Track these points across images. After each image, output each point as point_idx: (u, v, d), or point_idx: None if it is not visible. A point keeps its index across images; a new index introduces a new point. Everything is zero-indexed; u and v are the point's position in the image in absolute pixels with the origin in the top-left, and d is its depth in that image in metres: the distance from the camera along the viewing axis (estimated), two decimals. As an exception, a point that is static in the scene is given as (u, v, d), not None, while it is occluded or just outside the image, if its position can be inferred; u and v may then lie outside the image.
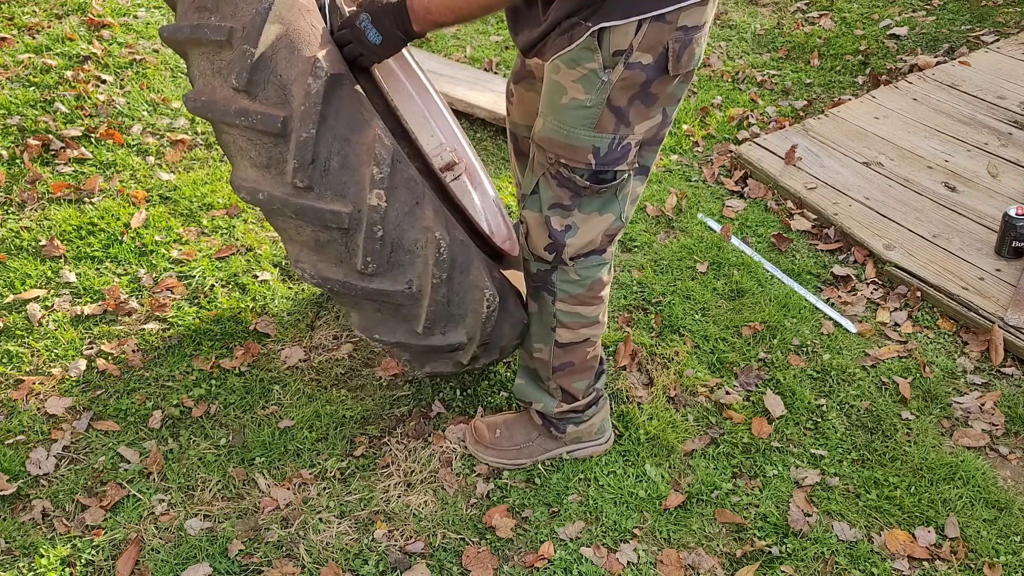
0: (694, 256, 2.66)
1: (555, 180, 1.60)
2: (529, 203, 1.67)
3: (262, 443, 2.02)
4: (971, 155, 3.05)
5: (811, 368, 2.29)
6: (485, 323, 1.70)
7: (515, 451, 1.98)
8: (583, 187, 1.59)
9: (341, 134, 1.49)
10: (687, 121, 3.38)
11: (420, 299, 1.63)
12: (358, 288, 1.59)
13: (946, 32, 3.99)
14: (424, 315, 1.65)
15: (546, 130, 1.56)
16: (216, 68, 1.49)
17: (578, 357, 1.84)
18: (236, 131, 1.50)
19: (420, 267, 1.59)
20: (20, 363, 2.21)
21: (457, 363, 1.83)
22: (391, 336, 1.71)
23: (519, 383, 1.98)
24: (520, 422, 2.00)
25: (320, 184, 1.50)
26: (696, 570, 1.81)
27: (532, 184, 1.65)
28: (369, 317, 1.70)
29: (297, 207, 1.50)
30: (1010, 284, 2.47)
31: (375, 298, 1.61)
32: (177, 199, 2.79)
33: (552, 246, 1.67)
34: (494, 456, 1.98)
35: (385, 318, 1.69)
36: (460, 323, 1.71)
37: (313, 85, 1.43)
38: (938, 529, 1.89)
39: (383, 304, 1.64)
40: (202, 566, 1.75)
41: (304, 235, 1.57)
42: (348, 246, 1.55)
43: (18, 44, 3.48)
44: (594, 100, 1.49)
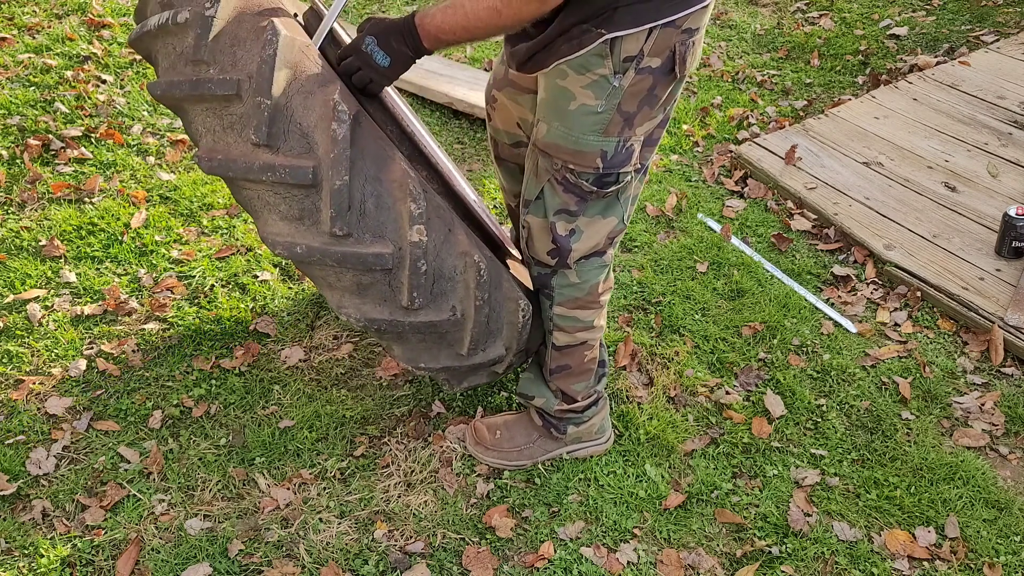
0: (694, 256, 2.66)
1: (561, 186, 1.59)
2: (533, 209, 1.66)
3: (262, 443, 2.02)
4: (971, 155, 3.05)
5: (811, 368, 2.29)
6: (521, 332, 1.70)
7: (516, 452, 1.98)
8: (589, 192, 1.58)
9: (371, 175, 1.46)
10: (687, 121, 3.38)
11: (464, 323, 1.62)
12: (404, 324, 1.57)
13: (946, 32, 3.99)
14: (468, 338, 1.64)
15: (552, 136, 1.55)
16: (227, 124, 1.44)
17: (575, 360, 1.84)
18: (262, 187, 1.45)
19: (462, 292, 1.58)
20: (20, 363, 2.21)
21: (492, 374, 1.83)
22: (436, 363, 1.69)
23: (524, 378, 1.98)
24: (520, 423, 2.00)
25: (359, 229, 1.47)
26: (696, 570, 1.81)
27: (536, 191, 1.64)
28: (413, 348, 1.67)
29: (338, 256, 1.47)
30: (1010, 284, 2.47)
31: (422, 330, 1.60)
32: (177, 199, 2.79)
33: (556, 251, 1.67)
34: (495, 457, 1.98)
35: (429, 346, 1.67)
36: (498, 337, 1.70)
37: (339, 130, 1.39)
38: (938, 529, 1.89)
39: (428, 335, 1.63)
40: (202, 566, 1.75)
41: (345, 281, 1.53)
42: (392, 285, 1.53)
43: (18, 44, 3.48)
44: (605, 106, 1.49)
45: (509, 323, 1.68)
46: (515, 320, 1.67)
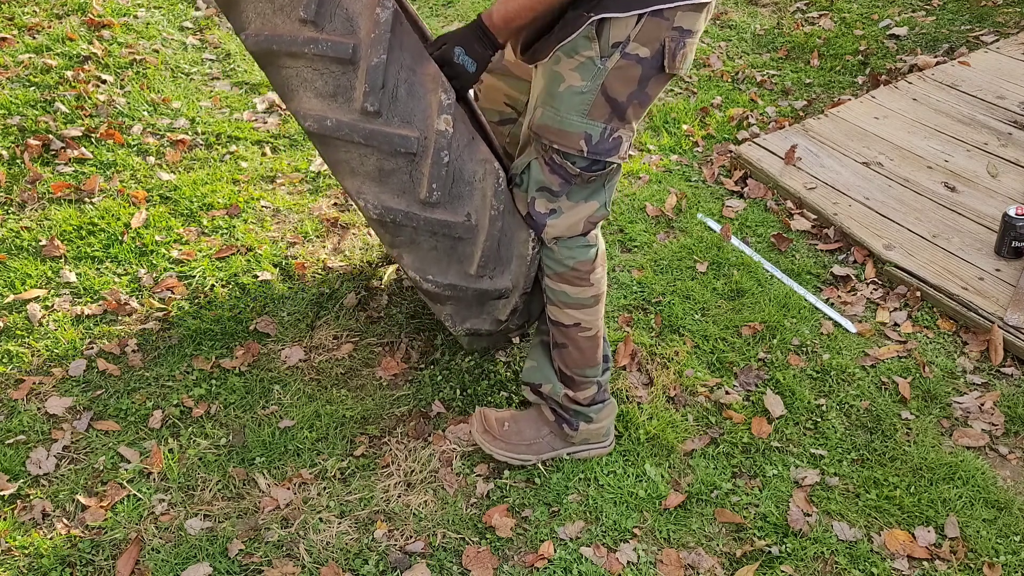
0: (694, 256, 2.66)
1: (548, 167, 1.67)
2: (516, 181, 1.75)
3: (262, 443, 2.02)
4: (971, 155, 3.05)
5: (811, 368, 2.29)
6: (529, 268, 1.73)
7: (524, 446, 1.96)
8: (574, 175, 1.65)
9: (407, 64, 1.53)
10: (687, 121, 3.38)
11: (477, 233, 1.66)
12: (420, 218, 1.61)
13: (946, 32, 3.99)
14: (479, 253, 1.67)
15: (542, 118, 1.63)
16: (278, 6, 1.53)
17: (571, 340, 1.84)
18: (302, 61, 1.53)
19: (478, 200, 1.63)
20: (20, 363, 2.21)
21: (495, 320, 1.83)
22: (443, 277, 1.71)
23: (529, 365, 1.97)
24: (529, 418, 1.99)
25: (389, 111, 1.54)
26: (696, 570, 1.81)
27: (523, 165, 1.72)
28: (424, 256, 1.69)
29: (366, 132, 1.53)
30: (1010, 284, 2.47)
31: (436, 229, 1.63)
32: (177, 199, 2.79)
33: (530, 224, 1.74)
34: (501, 448, 1.95)
35: (439, 257, 1.69)
36: (507, 267, 1.74)
37: (382, 15, 1.48)
38: (938, 529, 1.89)
39: (441, 239, 1.65)
40: (202, 566, 1.76)
41: (368, 165, 1.58)
42: (412, 175, 1.58)
43: (18, 44, 3.48)
44: (589, 86, 1.56)
45: (519, 256, 1.72)
46: (524, 253, 1.71)
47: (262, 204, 2.81)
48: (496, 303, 1.80)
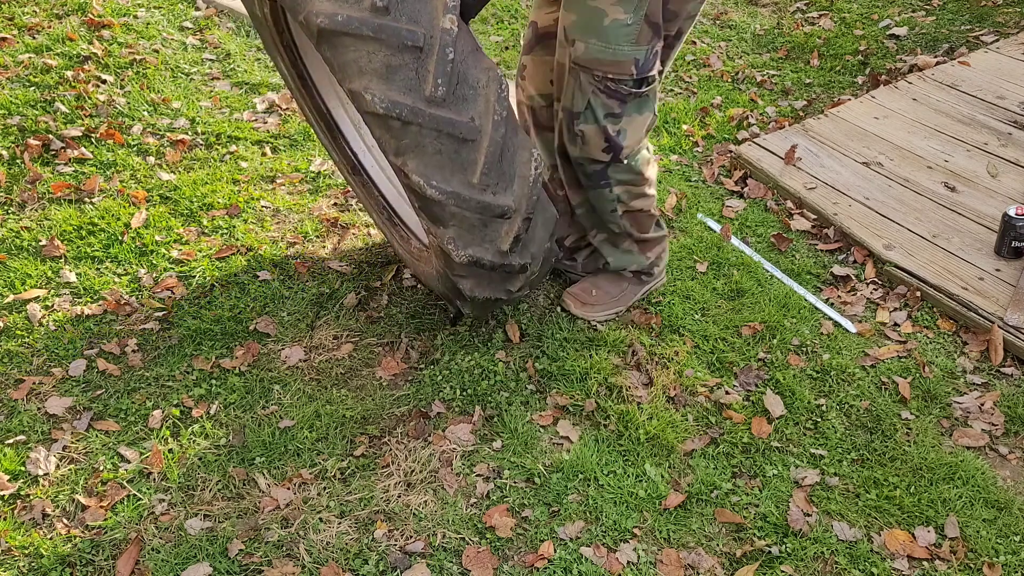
0: (694, 256, 2.66)
1: (604, 94, 1.89)
2: (584, 118, 1.95)
3: (262, 443, 2.02)
4: (971, 155, 3.05)
5: (811, 368, 2.29)
6: (532, 189, 1.78)
7: (614, 301, 2.35)
8: (627, 94, 1.90)
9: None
10: (687, 121, 3.38)
11: (481, 138, 1.70)
12: (425, 115, 1.64)
13: (946, 32, 3.99)
14: (482, 160, 1.71)
15: (591, 52, 1.83)
16: None
17: (643, 216, 2.21)
18: None
19: (482, 106, 1.69)
20: (20, 363, 2.21)
21: (498, 250, 1.84)
22: (447, 184, 1.73)
23: (613, 260, 2.32)
24: (608, 278, 2.36)
25: (397, 9, 1.60)
26: (696, 570, 1.81)
27: (584, 102, 1.92)
28: (428, 161, 1.71)
29: (375, 25, 1.59)
30: (1010, 284, 2.47)
31: (440, 127, 1.66)
32: (177, 199, 2.79)
33: (609, 148, 1.98)
34: (602, 310, 2.33)
35: (443, 163, 1.71)
36: (510, 185, 1.78)
37: None
38: (938, 529, 1.89)
39: (445, 140, 1.69)
40: (202, 566, 1.76)
41: (376, 62, 1.62)
42: (419, 71, 1.63)
43: (18, 44, 3.48)
44: (634, 18, 1.79)
45: (521, 176, 1.77)
46: (527, 173, 1.77)
47: (262, 204, 2.81)
48: (499, 227, 1.82)
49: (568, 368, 2.23)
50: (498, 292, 1.98)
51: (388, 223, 2.44)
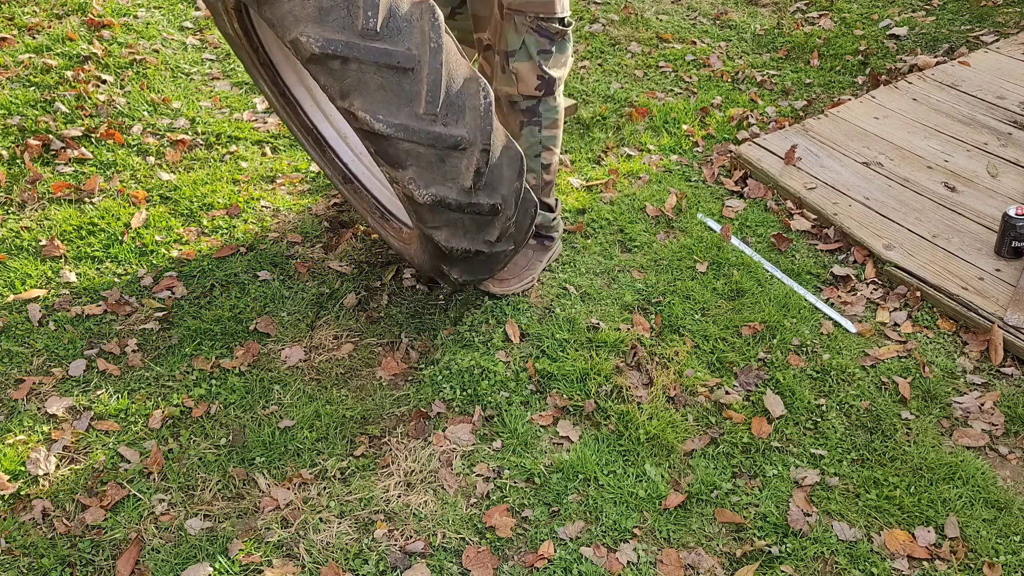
0: (694, 256, 2.66)
1: (537, 32, 2.11)
2: (519, 56, 2.15)
3: (262, 443, 2.02)
4: (971, 155, 3.05)
5: (811, 368, 2.29)
6: (484, 120, 1.81)
7: (525, 271, 2.48)
8: (555, 32, 2.12)
9: None
10: (687, 121, 3.38)
11: (420, 67, 1.72)
12: (361, 48, 1.67)
13: (946, 32, 3.99)
14: (424, 89, 1.73)
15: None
16: None
17: (552, 173, 2.38)
18: None
19: (418, 36, 1.72)
20: (20, 363, 2.21)
21: (461, 188, 1.85)
22: (394, 117, 1.74)
23: None
24: None
25: None
26: (696, 570, 1.81)
27: (519, 42, 2.13)
28: (373, 97, 1.73)
29: None
30: (1010, 284, 2.47)
31: (379, 60, 1.69)
32: (177, 199, 2.79)
33: (543, 83, 2.19)
34: (517, 282, 2.46)
35: (388, 97, 1.73)
36: (461, 116, 1.79)
37: None
38: (938, 529, 1.89)
39: (386, 73, 1.71)
40: (202, 566, 1.76)
41: (308, 8, 1.67)
42: (350, 10, 1.68)
43: (18, 44, 3.48)
44: None
45: (472, 107, 1.80)
46: (476, 104, 1.80)
47: (262, 204, 2.81)
48: (457, 161, 1.82)
49: (568, 368, 2.23)
50: (476, 243, 1.98)
51: (381, 220, 2.44)
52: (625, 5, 4.33)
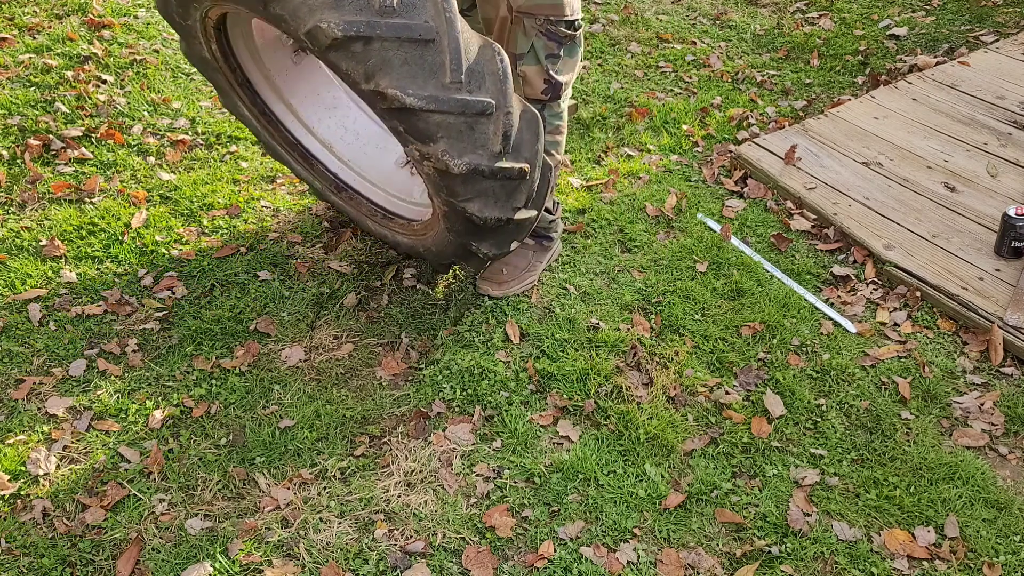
0: (694, 256, 2.66)
1: (545, 36, 2.09)
2: (527, 60, 2.14)
3: (262, 443, 2.02)
4: (971, 155, 3.05)
5: (811, 368, 2.29)
6: (503, 83, 1.83)
7: (525, 272, 2.48)
8: (564, 36, 2.10)
9: None
10: (687, 121, 3.38)
11: (439, 37, 1.73)
12: (382, 25, 1.68)
13: (946, 32, 3.99)
14: (448, 58, 1.75)
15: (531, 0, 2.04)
16: None
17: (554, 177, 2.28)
18: None
19: (431, 8, 1.73)
20: (20, 363, 2.21)
21: (491, 153, 1.87)
22: (423, 90, 1.76)
23: None
24: (515, 255, 2.46)
25: None
26: (696, 570, 1.81)
27: (527, 45, 2.11)
28: (399, 73, 1.74)
29: None
30: (1009, 284, 2.47)
31: (400, 34, 1.69)
32: (177, 199, 2.79)
33: (549, 87, 2.17)
34: (517, 284, 2.46)
35: (414, 72, 1.75)
36: (483, 83, 1.82)
37: None
38: (938, 529, 1.89)
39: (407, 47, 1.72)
40: (202, 566, 1.76)
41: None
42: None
43: (19, 44, 3.48)
44: None
45: (491, 73, 1.82)
46: (495, 69, 1.82)
47: (262, 204, 2.81)
48: (485, 127, 1.84)
49: (568, 368, 2.23)
50: (506, 210, 2.01)
51: (384, 221, 2.45)
52: (625, 5, 4.33)
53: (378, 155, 2.58)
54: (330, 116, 2.56)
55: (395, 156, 2.57)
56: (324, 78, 2.56)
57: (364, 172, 2.55)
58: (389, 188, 2.53)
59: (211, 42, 2.11)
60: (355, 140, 2.57)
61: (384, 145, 2.59)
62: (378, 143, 2.60)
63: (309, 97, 2.51)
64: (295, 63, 2.44)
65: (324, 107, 2.54)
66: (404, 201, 2.51)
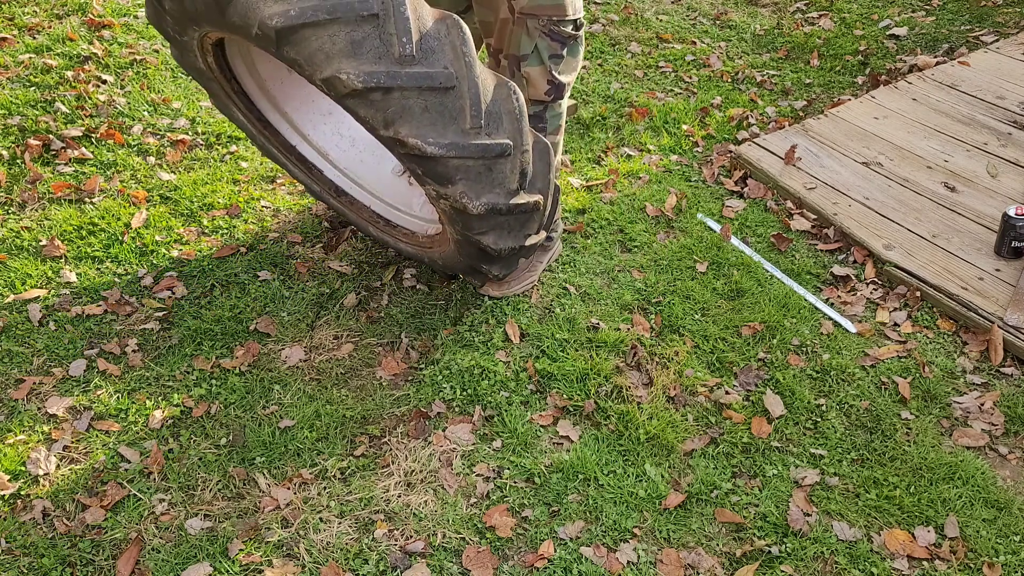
0: (694, 256, 2.66)
1: (549, 36, 2.09)
2: (531, 61, 2.13)
3: (262, 443, 2.02)
4: (971, 155, 3.05)
5: (811, 368, 2.29)
6: (519, 121, 1.83)
7: (526, 272, 2.47)
8: (567, 36, 2.11)
9: None
10: (687, 121, 3.38)
11: (459, 83, 1.72)
12: (402, 75, 1.66)
13: (946, 32, 3.99)
14: (468, 104, 1.74)
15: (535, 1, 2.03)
16: None
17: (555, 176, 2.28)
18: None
19: (450, 52, 1.71)
20: (20, 363, 2.21)
21: (508, 190, 1.88)
22: (443, 137, 1.75)
23: None
24: None
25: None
26: (696, 570, 1.81)
27: (531, 46, 2.10)
28: (419, 121, 1.73)
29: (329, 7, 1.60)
30: (1009, 284, 2.47)
31: (420, 83, 1.68)
32: (177, 199, 2.79)
33: (552, 88, 2.17)
34: (518, 284, 2.45)
35: (434, 119, 1.74)
36: (500, 124, 1.81)
37: None
38: (938, 529, 1.89)
39: (428, 95, 1.70)
40: (202, 566, 1.76)
41: (339, 42, 1.63)
42: (382, 38, 1.65)
43: (19, 44, 3.48)
44: None
45: (507, 112, 1.81)
46: (511, 108, 1.82)
47: (262, 204, 2.81)
48: (503, 168, 1.85)
49: (568, 368, 2.23)
50: (518, 239, 2.03)
51: (387, 227, 2.45)
52: (625, 5, 4.33)
53: (375, 163, 2.58)
54: (325, 122, 2.55)
55: (392, 164, 2.57)
56: None
57: (361, 180, 2.54)
58: (388, 198, 2.53)
59: (207, 56, 2.09)
60: (351, 147, 2.57)
61: (381, 153, 2.59)
62: (375, 150, 2.59)
63: (304, 104, 2.50)
64: (290, 72, 2.44)
65: (319, 113, 2.54)
66: (404, 213, 2.51)
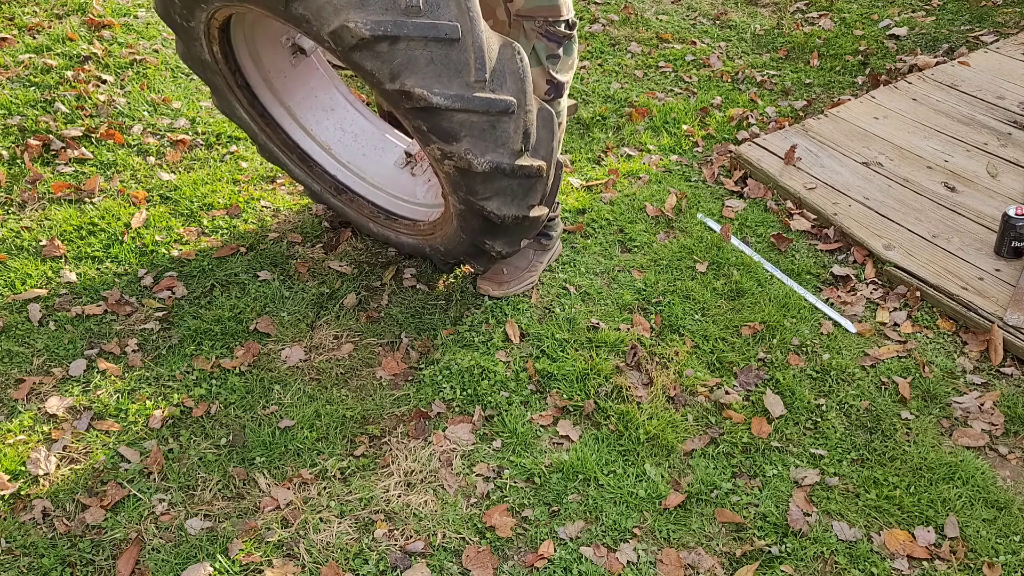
0: (694, 256, 2.66)
1: (546, 37, 2.11)
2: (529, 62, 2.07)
3: (262, 443, 2.02)
4: (971, 155, 3.05)
5: (811, 368, 2.29)
6: (523, 82, 1.86)
7: (526, 272, 2.48)
8: (563, 35, 2.12)
9: None
10: (687, 121, 3.38)
11: (464, 36, 1.75)
12: (408, 24, 1.69)
13: (946, 32, 3.99)
14: (472, 57, 1.76)
15: (531, 2, 2.06)
16: None
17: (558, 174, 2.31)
18: None
19: (454, 8, 1.74)
20: (20, 363, 2.21)
21: (511, 151, 1.89)
22: (449, 89, 1.77)
23: None
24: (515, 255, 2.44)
25: None
26: (696, 569, 1.81)
27: (528, 48, 2.11)
28: (424, 72, 1.75)
29: None
30: (1009, 284, 2.47)
31: (426, 33, 1.70)
32: (177, 199, 2.79)
33: (552, 88, 2.18)
34: (518, 284, 2.46)
35: (439, 71, 1.76)
36: (504, 81, 1.84)
37: None
38: (937, 529, 1.90)
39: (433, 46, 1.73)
40: (202, 566, 1.76)
41: None
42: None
43: (19, 44, 3.48)
44: None
45: (511, 72, 1.84)
46: (515, 68, 1.84)
47: (262, 204, 2.81)
48: (506, 126, 1.86)
49: (568, 368, 2.23)
50: (522, 208, 2.03)
51: (387, 222, 2.45)
52: (625, 5, 4.33)
53: (377, 156, 2.59)
54: (328, 118, 2.56)
55: (395, 157, 2.57)
56: (322, 80, 2.57)
57: (364, 174, 2.55)
58: (391, 189, 2.53)
59: (213, 44, 2.11)
60: (353, 142, 2.58)
61: (383, 146, 2.60)
62: (377, 144, 2.60)
63: (307, 99, 2.51)
64: (293, 65, 2.44)
65: (322, 108, 2.55)
66: (407, 202, 2.51)
